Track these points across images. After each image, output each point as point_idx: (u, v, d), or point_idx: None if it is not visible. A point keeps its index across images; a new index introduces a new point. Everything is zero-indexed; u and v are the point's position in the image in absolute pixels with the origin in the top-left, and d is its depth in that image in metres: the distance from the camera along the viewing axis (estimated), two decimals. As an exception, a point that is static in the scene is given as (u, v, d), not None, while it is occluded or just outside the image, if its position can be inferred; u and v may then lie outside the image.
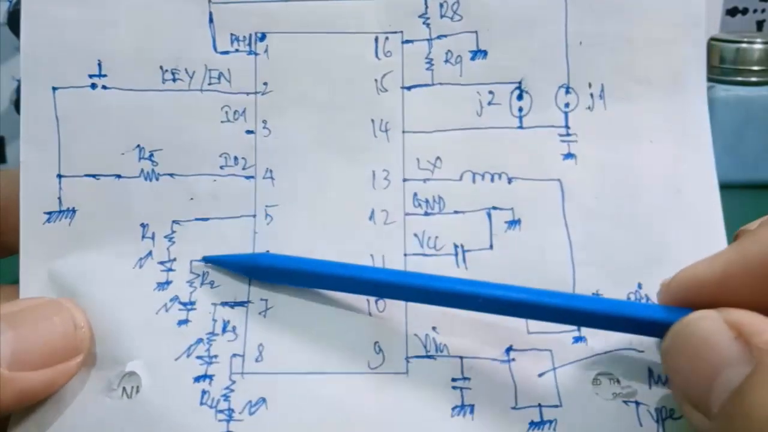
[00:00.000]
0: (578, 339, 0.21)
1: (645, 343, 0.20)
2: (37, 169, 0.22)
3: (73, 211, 0.22)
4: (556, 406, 0.20)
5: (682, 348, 0.17)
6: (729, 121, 0.47)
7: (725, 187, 0.21)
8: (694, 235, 0.22)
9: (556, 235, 0.22)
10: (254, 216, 0.23)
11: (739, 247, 0.17)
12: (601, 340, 0.21)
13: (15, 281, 0.22)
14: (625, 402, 0.20)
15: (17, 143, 0.22)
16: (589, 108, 0.23)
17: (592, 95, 0.23)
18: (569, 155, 0.23)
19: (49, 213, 0.22)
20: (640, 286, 0.21)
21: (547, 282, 0.21)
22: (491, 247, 0.22)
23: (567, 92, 0.23)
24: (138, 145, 0.23)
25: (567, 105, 0.23)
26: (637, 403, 0.20)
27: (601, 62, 0.23)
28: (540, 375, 0.21)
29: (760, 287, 0.17)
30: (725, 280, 0.17)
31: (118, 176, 0.23)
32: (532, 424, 0.20)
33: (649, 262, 0.21)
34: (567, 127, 0.23)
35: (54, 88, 0.22)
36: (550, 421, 0.20)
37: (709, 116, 0.22)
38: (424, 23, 0.23)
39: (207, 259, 0.22)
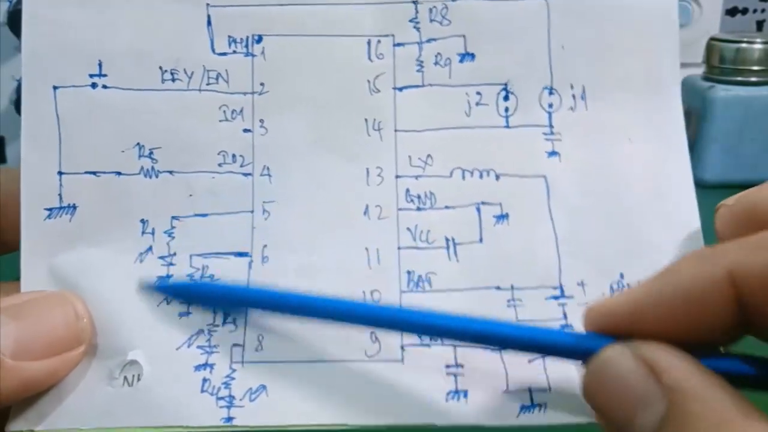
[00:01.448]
0: (565, 327, 0.22)
1: None
2: (37, 167, 0.23)
3: (74, 207, 0.23)
4: (546, 390, 0.21)
5: (600, 387, 0.17)
6: (729, 121, 0.46)
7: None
8: (671, 227, 0.23)
9: (542, 228, 0.23)
10: (252, 212, 0.23)
11: (656, 281, 0.17)
12: None
13: (16, 278, 0.22)
14: None
15: (17, 143, 0.23)
16: (571, 108, 0.24)
17: (574, 96, 0.24)
18: (553, 153, 0.24)
19: (50, 209, 0.23)
20: (622, 275, 0.22)
21: (534, 272, 0.22)
22: (481, 240, 0.23)
23: (550, 93, 0.24)
24: (138, 143, 0.23)
25: (551, 105, 0.24)
26: None
27: (583, 65, 0.24)
28: (530, 361, 0.21)
29: (672, 320, 0.17)
30: (638, 314, 0.17)
31: (119, 173, 0.23)
32: (523, 407, 0.21)
33: (630, 252, 0.23)
34: (551, 126, 0.24)
35: (55, 87, 0.23)
36: (540, 405, 0.21)
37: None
38: (414, 27, 0.24)
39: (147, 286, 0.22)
